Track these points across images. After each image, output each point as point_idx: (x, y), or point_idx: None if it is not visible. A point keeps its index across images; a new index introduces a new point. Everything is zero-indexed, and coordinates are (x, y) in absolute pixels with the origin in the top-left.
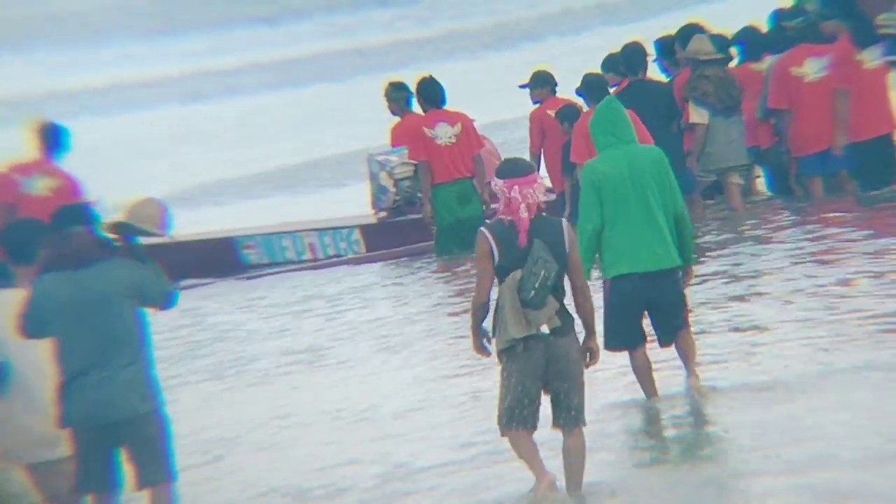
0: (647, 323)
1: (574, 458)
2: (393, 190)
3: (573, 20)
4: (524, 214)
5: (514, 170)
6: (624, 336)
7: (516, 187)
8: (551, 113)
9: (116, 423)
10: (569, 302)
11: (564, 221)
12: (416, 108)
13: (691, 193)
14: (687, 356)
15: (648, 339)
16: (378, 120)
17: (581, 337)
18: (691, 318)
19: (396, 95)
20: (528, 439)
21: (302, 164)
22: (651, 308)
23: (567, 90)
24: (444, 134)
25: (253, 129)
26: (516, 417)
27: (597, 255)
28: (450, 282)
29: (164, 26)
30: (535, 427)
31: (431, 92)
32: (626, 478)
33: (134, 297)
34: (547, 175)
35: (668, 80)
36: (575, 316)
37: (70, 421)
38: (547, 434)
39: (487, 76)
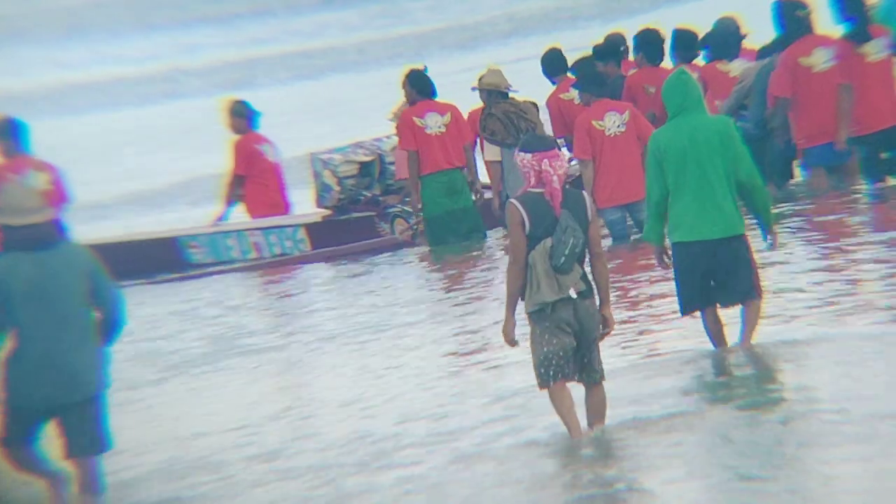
0: None
1: (596, 409)
2: (337, 188)
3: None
4: (557, 185)
5: (541, 144)
6: (691, 300)
7: (546, 160)
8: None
9: (68, 404)
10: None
11: (586, 193)
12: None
13: None
14: (747, 324)
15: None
16: (321, 122)
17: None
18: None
19: (240, 114)
20: (565, 393)
21: None
22: (713, 274)
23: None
24: (433, 123)
25: (203, 132)
26: (553, 367)
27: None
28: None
29: (135, 25)
30: (571, 377)
31: (422, 83)
32: (694, 416)
33: (87, 282)
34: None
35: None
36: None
37: (22, 400)
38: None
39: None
